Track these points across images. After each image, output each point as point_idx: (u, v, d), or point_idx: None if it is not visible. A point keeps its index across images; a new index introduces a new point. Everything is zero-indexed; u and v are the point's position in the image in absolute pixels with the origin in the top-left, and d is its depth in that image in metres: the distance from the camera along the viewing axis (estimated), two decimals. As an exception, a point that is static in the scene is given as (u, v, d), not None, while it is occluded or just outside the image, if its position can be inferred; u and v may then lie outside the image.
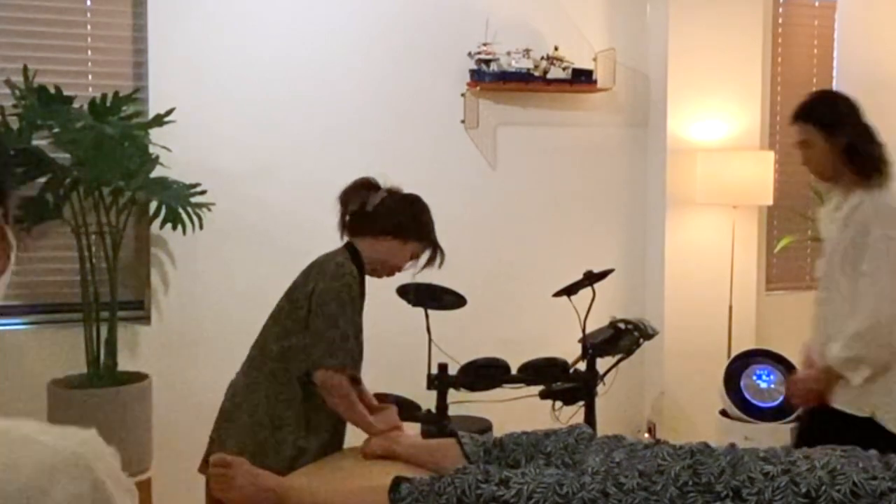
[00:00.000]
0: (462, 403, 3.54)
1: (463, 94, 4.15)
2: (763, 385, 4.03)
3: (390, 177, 3.99)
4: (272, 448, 2.37)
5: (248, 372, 2.48)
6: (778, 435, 3.85)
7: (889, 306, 2.58)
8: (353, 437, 2.59)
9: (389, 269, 2.58)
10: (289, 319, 2.43)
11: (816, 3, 4.86)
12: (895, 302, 2.58)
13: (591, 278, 3.37)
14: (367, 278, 2.59)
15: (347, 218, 2.57)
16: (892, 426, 2.59)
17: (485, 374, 3.42)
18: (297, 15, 3.94)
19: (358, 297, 2.45)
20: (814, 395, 2.73)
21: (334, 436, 2.53)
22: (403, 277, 2.69)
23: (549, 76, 4.14)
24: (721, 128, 4.38)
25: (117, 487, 0.90)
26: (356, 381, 2.53)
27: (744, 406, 4.01)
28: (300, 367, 2.41)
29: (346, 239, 2.58)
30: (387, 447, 2.43)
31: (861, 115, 2.77)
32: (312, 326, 2.37)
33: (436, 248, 2.58)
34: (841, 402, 2.66)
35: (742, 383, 4.05)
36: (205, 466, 2.44)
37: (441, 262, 2.59)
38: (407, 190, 2.65)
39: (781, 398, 4.01)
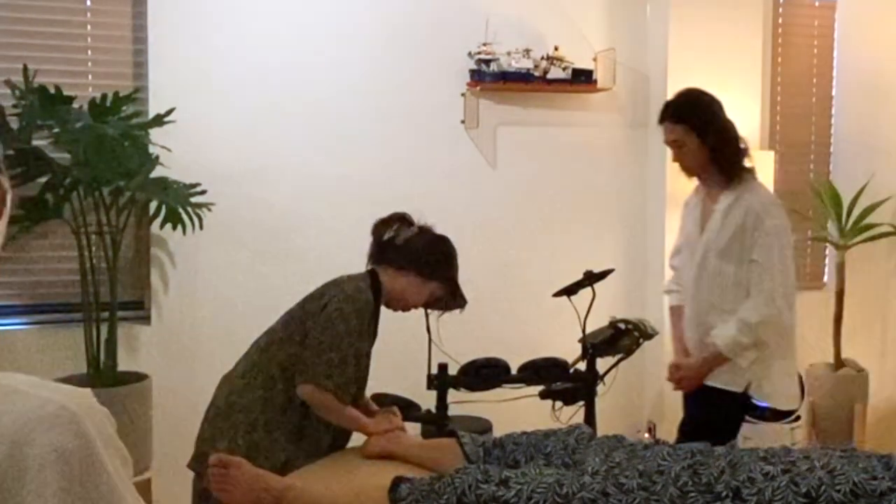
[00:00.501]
0: (462, 403, 3.54)
1: (463, 94, 4.14)
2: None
3: (391, 176, 4.00)
4: (265, 450, 2.36)
5: (246, 372, 2.48)
6: (778, 435, 3.84)
7: (781, 293, 2.80)
8: (355, 436, 2.60)
9: (405, 304, 2.62)
10: (298, 329, 2.44)
11: (816, 3, 4.86)
12: (785, 289, 2.80)
13: (591, 278, 3.37)
14: (382, 310, 2.61)
15: (375, 247, 2.61)
16: (762, 398, 2.94)
17: (485, 374, 3.42)
18: (296, 15, 3.94)
19: (367, 327, 2.46)
20: (700, 379, 2.92)
21: (336, 440, 2.53)
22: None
23: (549, 76, 4.14)
24: (721, 128, 4.38)
25: (107, 447, 0.87)
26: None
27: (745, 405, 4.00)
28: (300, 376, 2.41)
29: (370, 266, 2.61)
30: (387, 447, 2.43)
31: (725, 113, 2.92)
32: (314, 340, 2.38)
33: (456, 292, 2.64)
34: (719, 380, 2.91)
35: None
36: (193, 463, 2.45)
37: (462, 307, 2.65)
38: (407, 191, 2.66)
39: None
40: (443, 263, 2.61)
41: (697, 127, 2.84)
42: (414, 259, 2.56)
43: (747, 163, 2.90)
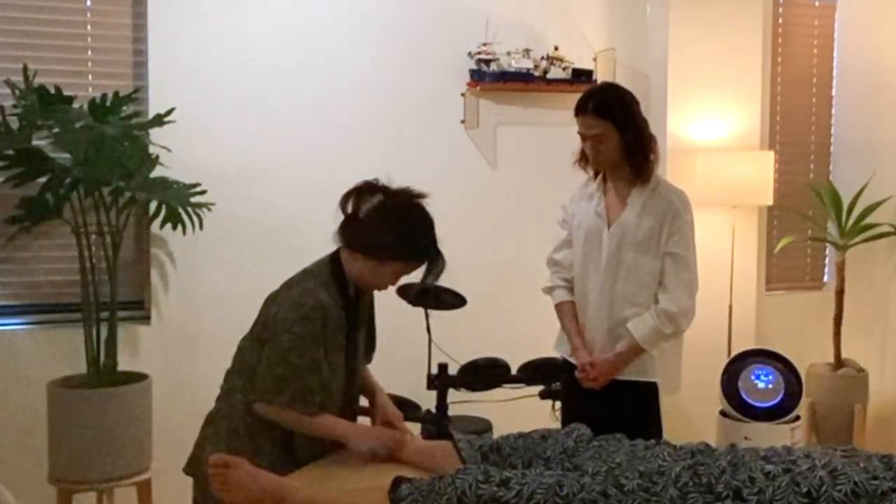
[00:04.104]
0: (462, 403, 3.54)
1: (463, 94, 4.15)
2: (761, 385, 4.04)
3: (391, 176, 3.97)
4: (248, 456, 2.26)
5: (228, 376, 2.44)
6: (778, 435, 3.85)
7: (696, 284, 2.92)
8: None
9: (371, 287, 2.44)
10: (261, 332, 2.35)
11: (816, 3, 4.87)
12: (697, 280, 2.93)
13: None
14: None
15: (341, 224, 2.41)
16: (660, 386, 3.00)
17: (485, 374, 3.42)
18: (296, 15, 3.94)
19: (322, 329, 2.28)
20: (614, 374, 2.92)
21: (325, 445, 2.49)
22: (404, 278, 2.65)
23: (549, 76, 4.14)
24: (721, 128, 4.38)
25: None
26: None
27: (741, 406, 4.02)
28: None
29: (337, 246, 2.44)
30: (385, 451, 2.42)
31: (640, 109, 2.95)
32: (265, 355, 2.27)
33: (432, 262, 2.36)
34: (631, 373, 2.92)
35: (740, 383, 4.05)
36: (186, 467, 2.43)
37: (438, 274, 2.37)
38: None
39: (779, 398, 4.01)
40: (398, 240, 2.31)
41: (619, 123, 2.85)
42: (363, 241, 2.32)
43: (656, 160, 2.95)
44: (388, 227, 2.32)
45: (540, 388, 3.51)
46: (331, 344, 2.32)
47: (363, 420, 2.61)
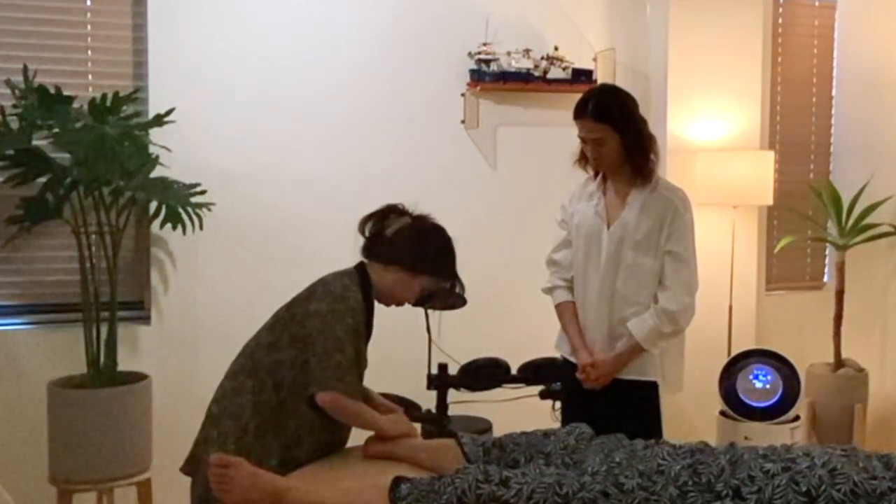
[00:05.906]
0: (462, 403, 3.54)
1: (463, 94, 4.15)
2: (759, 385, 4.04)
3: (391, 176, 3.99)
4: (256, 455, 2.31)
5: (235, 376, 2.44)
6: (778, 435, 3.85)
7: (696, 283, 2.93)
8: (356, 436, 2.59)
9: (396, 301, 2.55)
10: (285, 332, 2.40)
11: (816, 3, 4.87)
12: (696, 279, 2.93)
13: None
14: (381, 311, 2.55)
15: (364, 240, 2.55)
16: (662, 386, 3.01)
17: (485, 374, 3.43)
18: (296, 15, 3.94)
19: (362, 324, 2.41)
20: (614, 374, 2.92)
21: (335, 444, 2.51)
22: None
23: (549, 76, 4.14)
24: (721, 128, 4.38)
25: None
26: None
27: (738, 405, 4.02)
28: (291, 380, 2.37)
29: (360, 259, 2.55)
30: (387, 448, 2.43)
31: (639, 110, 2.96)
32: (318, 348, 2.32)
33: (453, 285, 2.57)
34: (633, 372, 2.93)
35: (738, 383, 4.05)
36: (185, 466, 2.43)
37: (459, 305, 2.60)
38: (407, 191, 2.63)
39: (776, 398, 4.01)
40: (431, 257, 2.52)
41: (619, 126, 2.86)
42: (399, 254, 2.48)
43: (657, 160, 2.96)
44: (424, 245, 2.52)
45: (540, 388, 3.51)
46: (363, 340, 2.44)
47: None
